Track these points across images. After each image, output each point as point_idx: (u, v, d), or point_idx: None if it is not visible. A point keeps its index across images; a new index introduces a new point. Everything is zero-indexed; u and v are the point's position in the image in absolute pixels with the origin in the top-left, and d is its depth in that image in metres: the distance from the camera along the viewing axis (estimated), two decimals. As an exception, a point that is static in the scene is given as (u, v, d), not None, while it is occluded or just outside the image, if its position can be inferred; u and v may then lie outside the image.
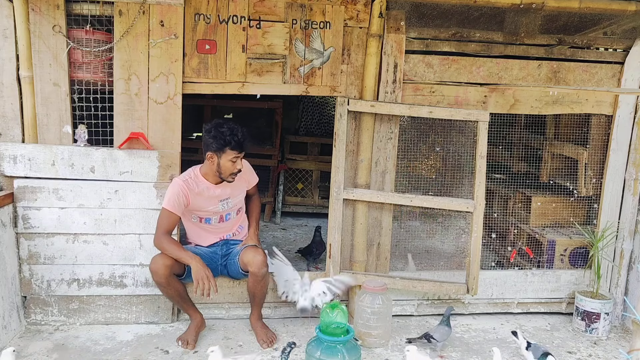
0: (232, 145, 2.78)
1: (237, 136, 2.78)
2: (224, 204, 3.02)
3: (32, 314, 3.05)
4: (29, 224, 2.97)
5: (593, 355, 3.07)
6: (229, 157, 2.81)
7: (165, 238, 2.82)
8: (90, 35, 2.94)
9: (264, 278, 2.91)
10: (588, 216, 3.69)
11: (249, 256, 2.90)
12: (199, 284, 2.71)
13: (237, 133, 2.78)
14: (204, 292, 2.71)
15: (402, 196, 3.22)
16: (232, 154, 2.80)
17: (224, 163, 2.83)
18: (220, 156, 2.82)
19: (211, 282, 2.73)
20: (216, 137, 2.78)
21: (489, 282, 3.45)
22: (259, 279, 2.89)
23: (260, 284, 2.92)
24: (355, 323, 3.04)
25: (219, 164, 2.84)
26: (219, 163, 2.84)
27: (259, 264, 2.85)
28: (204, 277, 2.72)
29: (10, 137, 2.97)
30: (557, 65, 3.33)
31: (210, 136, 2.81)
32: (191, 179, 2.91)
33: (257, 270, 2.86)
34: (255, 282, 2.91)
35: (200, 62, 3.06)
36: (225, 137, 2.77)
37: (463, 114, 3.16)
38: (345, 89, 3.21)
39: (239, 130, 2.81)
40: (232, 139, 2.77)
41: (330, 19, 3.12)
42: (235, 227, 3.19)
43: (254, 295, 2.99)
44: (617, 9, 3.15)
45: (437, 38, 3.25)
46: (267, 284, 3.01)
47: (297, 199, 5.78)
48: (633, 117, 3.37)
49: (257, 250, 2.95)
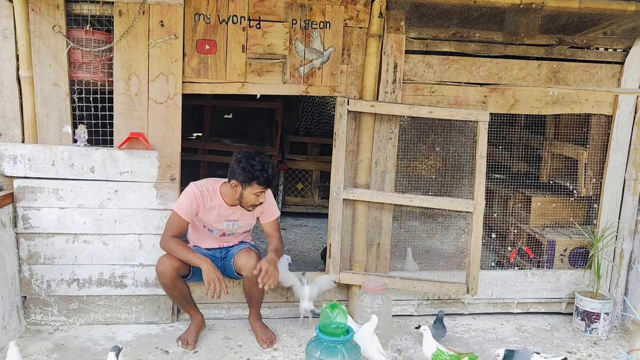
0: (260, 180, 2.71)
1: (267, 172, 2.70)
2: (229, 224, 2.99)
3: (32, 314, 3.05)
4: (29, 224, 2.97)
5: (593, 355, 3.07)
6: (254, 191, 2.75)
7: (173, 240, 2.80)
8: (90, 35, 2.94)
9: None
10: (588, 216, 3.69)
11: (242, 260, 2.88)
12: (210, 286, 2.70)
13: (268, 169, 2.71)
14: (214, 294, 2.71)
15: (402, 196, 3.22)
16: (258, 188, 2.74)
17: (247, 195, 2.77)
18: (246, 188, 2.75)
19: (222, 284, 2.72)
20: (245, 169, 2.70)
21: (489, 282, 3.45)
22: (254, 282, 2.85)
23: (255, 287, 2.88)
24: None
25: (242, 194, 2.78)
26: (242, 193, 2.77)
27: (252, 268, 2.81)
28: (215, 280, 2.71)
29: (10, 137, 2.97)
30: (557, 65, 3.33)
31: (239, 167, 2.72)
32: (207, 192, 2.86)
33: (250, 275, 2.83)
34: (250, 286, 2.90)
35: (200, 62, 3.06)
36: (255, 171, 2.69)
37: (463, 114, 3.16)
38: (345, 89, 3.21)
39: (270, 166, 2.73)
40: (262, 174, 2.69)
41: (330, 19, 3.12)
42: (237, 241, 3.16)
43: (250, 297, 2.98)
44: (617, 9, 3.15)
45: (437, 38, 3.25)
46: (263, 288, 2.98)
47: (297, 199, 5.79)
48: (633, 117, 3.37)
49: (250, 253, 2.90)
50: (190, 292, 2.99)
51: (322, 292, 3.22)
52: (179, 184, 3.09)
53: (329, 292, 3.33)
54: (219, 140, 6.01)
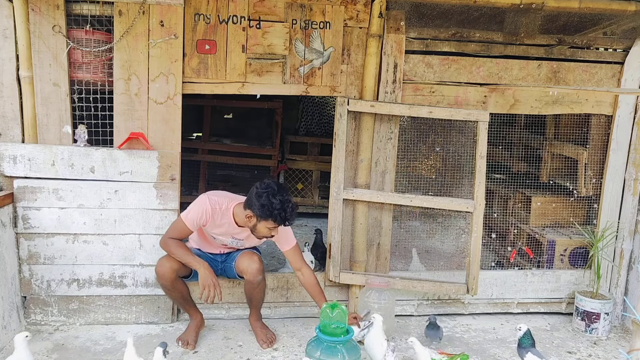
0: (278, 220, 2.66)
1: (285, 212, 2.65)
2: (235, 242, 2.98)
3: (32, 314, 3.05)
4: (29, 224, 2.97)
5: (593, 355, 3.07)
6: (269, 226, 2.70)
7: (172, 242, 2.79)
8: (90, 36, 2.94)
9: (259, 285, 2.89)
10: (588, 216, 3.69)
11: (244, 264, 2.88)
12: (205, 290, 2.72)
13: (287, 209, 2.65)
14: (208, 299, 2.73)
15: (402, 196, 3.22)
16: (272, 225, 2.70)
17: (260, 228, 2.72)
18: (260, 222, 2.70)
19: (217, 289, 2.73)
20: (264, 206, 2.63)
21: (489, 282, 3.45)
22: (254, 286, 2.88)
23: (256, 290, 2.91)
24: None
25: (256, 226, 2.73)
26: (256, 225, 2.73)
27: (254, 272, 2.82)
28: (210, 285, 2.72)
29: (10, 137, 2.97)
30: (557, 65, 3.33)
31: (259, 202, 2.64)
32: (220, 210, 2.81)
33: (252, 279, 2.85)
34: (251, 289, 2.91)
35: (200, 62, 3.06)
36: (274, 210, 2.63)
37: (463, 114, 3.16)
38: (345, 89, 3.21)
39: (289, 207, 2.66)
40: (279, 214, 2.64)
41: (330, 19, 3.12)
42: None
43: (250, 298, 2.98)
44: (617, 9, 3.15)
45: (437, 38, 3.25)
46: (264, 288, 2.97)
47: (297, 199, 5.77)
48: (633, 117, 3.37)
49: (253, 257, 2.89)
50: (190, 292, 2.99)
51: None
52: (179, 184, 3.09)
53: (329, 292, 3.33)
54: (219, 140, 6.00)
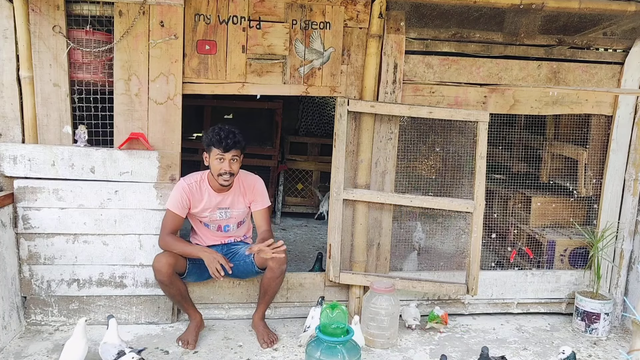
0: (215, 143, 2.85)
1: (219, 135, 2.84)
2: (221, 213, 3.03)
3: (32, 314, 3.05)
4: (29, 224, 2.97)
5: (593, 355, 3.07)
6: (215, 156, 2.87)
7: (170, 237, 2.90)
8: (90, 36, 2.94)
9: (281, 275, 2.95)
10: (588, 216, 3.68)
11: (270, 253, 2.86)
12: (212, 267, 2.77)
13: (221, 132, 2.85)
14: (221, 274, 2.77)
15: (402, 196, 3.22)
16: (216, 152, 2.86)
17: (211, 161, 2.90)
18: (209, 154, 2.90)
19: (224, 260, 2.80)
20: (206, 137, 2.92)
21: (489, 283, 3.45)
22: (277, 275, 2.92)
23: (276, 280, 2.95)
24: (367, 326, 3.03)
25: (209, 162, 2.93)
26: (208, 161, 2.93)
27: (281, 260, 2.89)
28: (216, 261, 2.79)
29: (10, 138, 2.97)
30: (557, 65, 3.33)
31: (203, 138, 2.96)
32: (196, 182, 2.98)
33: (277, 266, 2.89)
34: (272, 279, 2.93)
35: (200, 62, 3.06)
36: (213, 137, 2.86)
37: (463, 114, 3.16)
38: (345, 89, 3.21)
39: (224, 131, 2.87)
40: (214, 137, 2.85)
41: (330, 19, 3.12)
42: (238, 237, 3.19)
43: (266, 291, 2.99)
44: (617, 9, 3.15)
45: (437, 38, 3.25)
46: (281, 283, 3.03)
47: (297, 200, 5.78)
48: (633, 117, 3.37)
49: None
50: (188, 291, 2.99)
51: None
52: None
53: (329, 292, 3.33)
54: (219, 140, 5.99)
